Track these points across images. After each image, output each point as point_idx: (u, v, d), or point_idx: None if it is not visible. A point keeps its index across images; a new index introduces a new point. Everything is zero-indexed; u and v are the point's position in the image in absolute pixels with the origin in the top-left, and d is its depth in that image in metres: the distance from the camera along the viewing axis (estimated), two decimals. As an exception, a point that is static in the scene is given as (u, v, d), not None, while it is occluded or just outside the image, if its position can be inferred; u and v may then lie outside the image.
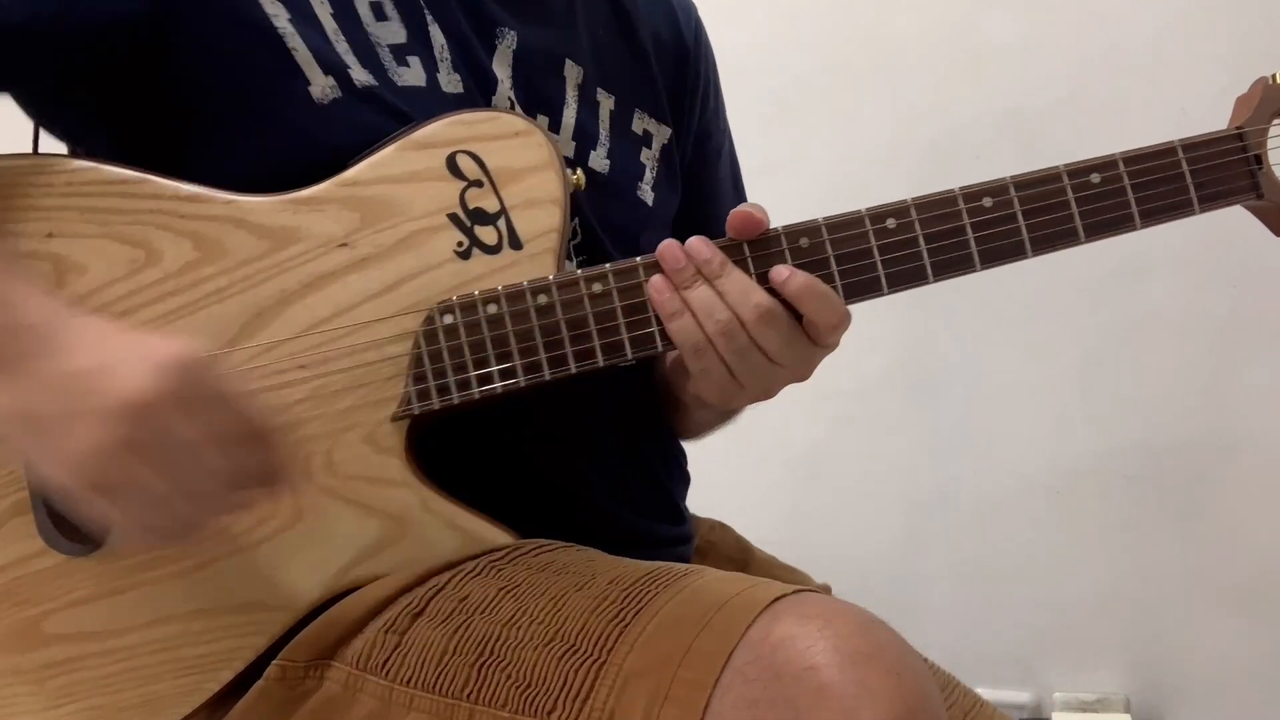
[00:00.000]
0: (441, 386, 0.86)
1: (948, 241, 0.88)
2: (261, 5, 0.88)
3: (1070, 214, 0.89)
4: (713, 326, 0.85)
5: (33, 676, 0.88)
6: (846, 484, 1.98)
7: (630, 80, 1.05)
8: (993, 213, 0.88)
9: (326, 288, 0.86)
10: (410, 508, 0.87)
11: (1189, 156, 0.90)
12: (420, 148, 0.87)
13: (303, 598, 0.86)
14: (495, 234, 0.87)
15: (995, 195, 0.88)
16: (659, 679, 0.71)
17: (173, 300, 0.86)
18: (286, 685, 0.85)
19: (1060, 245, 0.90)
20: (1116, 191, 0.90)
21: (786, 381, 0.90)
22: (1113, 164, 0.90)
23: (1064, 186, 0.89)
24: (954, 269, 0.89)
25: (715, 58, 1.17)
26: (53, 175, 0.86)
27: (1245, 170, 0.91)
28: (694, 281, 0.86)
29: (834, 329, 0.87)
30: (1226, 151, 0.91)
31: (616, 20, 1.07)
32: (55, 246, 0.86)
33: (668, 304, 0.86)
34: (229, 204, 0.86)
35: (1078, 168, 0.89)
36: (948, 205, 0.88)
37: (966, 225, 0.88)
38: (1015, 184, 0.89)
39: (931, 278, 0.88)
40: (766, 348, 0.86)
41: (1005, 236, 0.88)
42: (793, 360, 0.87)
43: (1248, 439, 1.80)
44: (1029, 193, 0.89)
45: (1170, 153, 0.90)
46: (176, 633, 0.87)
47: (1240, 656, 1.82)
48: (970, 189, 0.89)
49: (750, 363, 0.86)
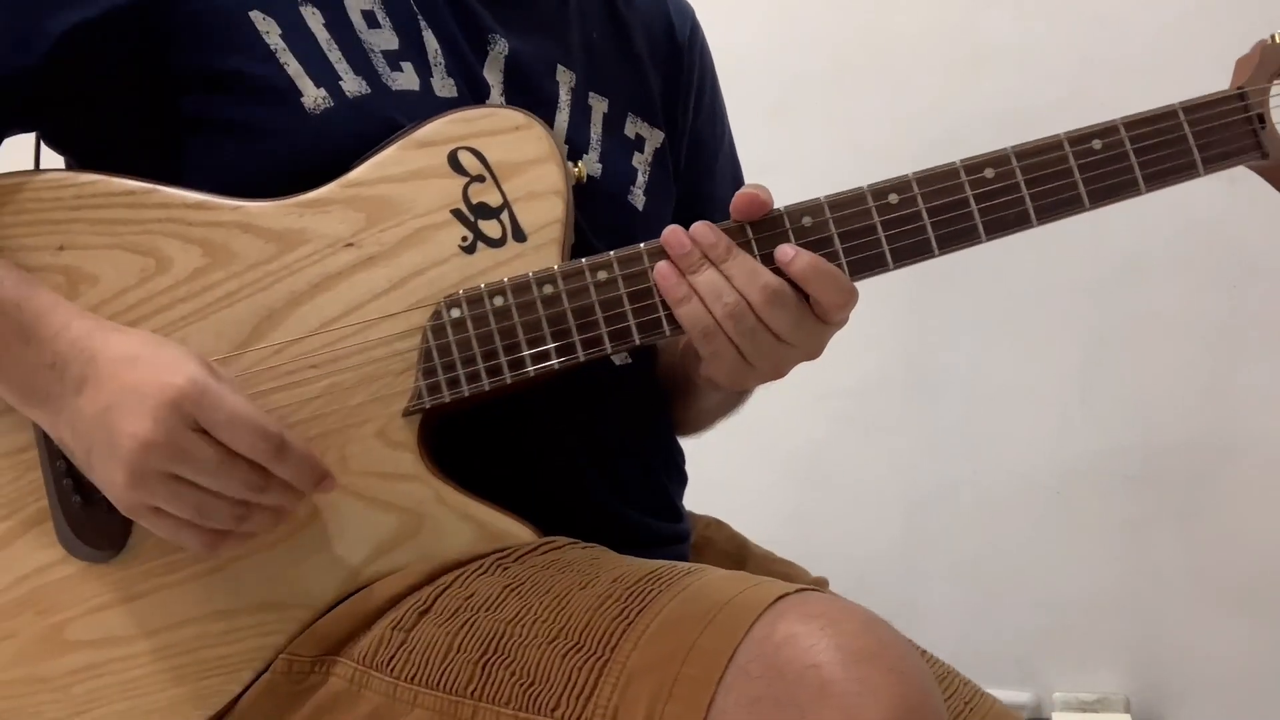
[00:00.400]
0: (451, 379, 0.87)
1: (951, 214, 0.88)
2: (254, 23, 0.89)
3: (1074, 181, 0.88)
4: (721, 310, 0.86)
5: (57, 684, 0.88)
6: (846, 483, 1.98)
7: (623, 83, 1.06)
8: (995, 183, 0.87)
9: (335, 287, 0.87)
10: (424, 501, 0.87)
11: (1190, 119, 0.89)
12: (421, 146, 0.88)
13: (321, 595, 0.87)
14: (499, 227, 0.88)
15: (997, 166, 0.88)
16: (662, 677, 0.71)
17: (184, 306, 0.87)
18: (293, 679, 0.85)
19: (1065, 213, 0.89)
20: (1119, 157, 0.88)
21: (797, 360, 0.90)
22: (1114, 129, 0.89)
23: (1066, 154, 0.88)
24: (959, 241, 0.88)
25: (713, 58, 1.17)
26: (61, 189, 0.87)
27: (1248, 130, 0.90)
28: (700, 266, 0.86)
29: (840, 307, 0.87)
30: (1228, 112, 0.90)
31: (611, 23, 1.07)
32: (67, 259, 0.87)
33: (675, 289, 0.86)
34: (236, 209, 0.87)
35: (1079, 134, 0.88)
36: (950, 178, 0.88)
37: (970, 197, 0.87)
38: (1016, 154, 0.88)
39: (937, 251, 0.88)
40: (776, 328, 0.86)
41: (1009, 206, 0.88)
42: (802, 339, 0.87)
43: (1248, 439, 1.81)
44: (1031, 161, 0.88)
45: (1171, 115, 0.89)
46: (197, 635, 0.87)
47: (1240, 656, 1.83)
48: (971, 160, 0.88)
49: (760, 343, 0.87)
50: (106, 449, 0.80)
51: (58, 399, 0.82)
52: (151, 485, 0.80)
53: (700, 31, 1.16)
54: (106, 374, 0.81)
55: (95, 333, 0.83)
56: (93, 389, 0.81)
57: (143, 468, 0.79)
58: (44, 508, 0.88)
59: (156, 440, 0.78)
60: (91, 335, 0.82)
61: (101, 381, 0.80)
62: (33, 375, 0.83)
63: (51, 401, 0.82)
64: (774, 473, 2.00)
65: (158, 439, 0.78)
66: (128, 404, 0.79)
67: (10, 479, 0.89)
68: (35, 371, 0.82)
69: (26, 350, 0.82)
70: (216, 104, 0.89)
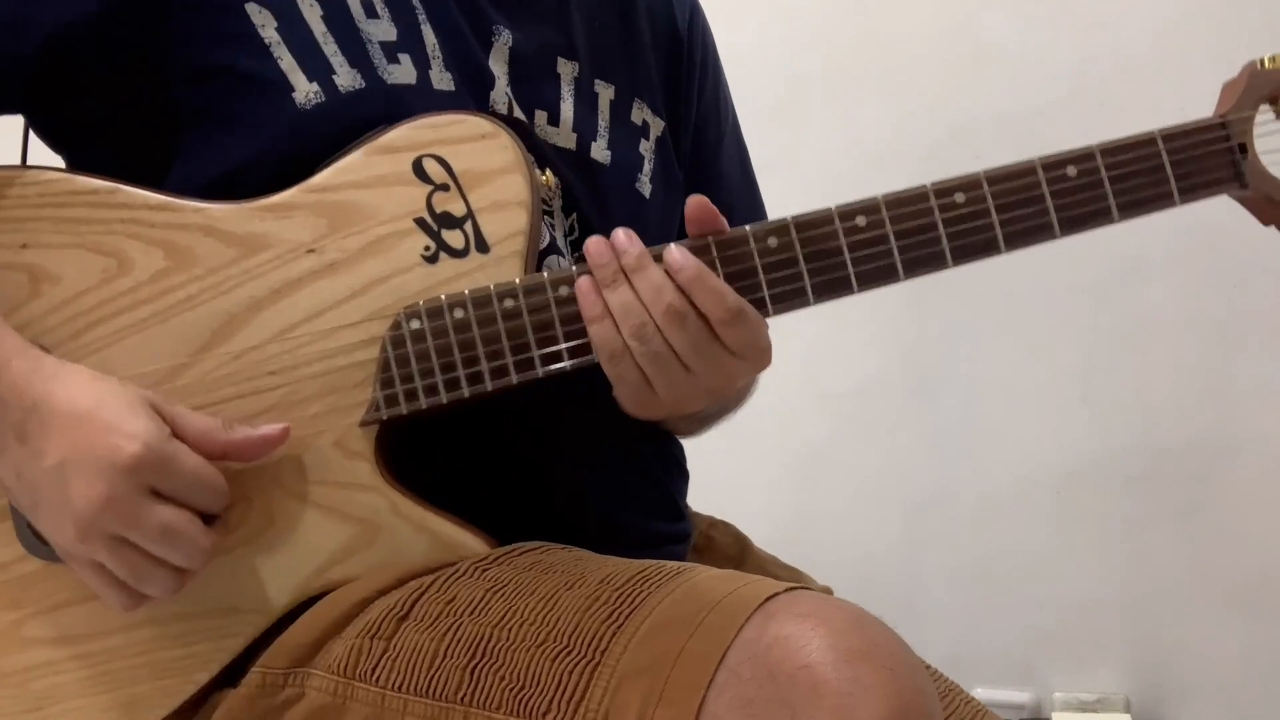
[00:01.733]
0: (409, 392, 0.86)
1: (919, 238, 0.86)
2: (249, 16, 0.89)
3: (1045, 208, 0.87)
4: (628, 330, 0.83)
5: (14, 680, 0.89)
6: (846, 484, 1.98)
7: (629, 70, 1.05)
8: (965, 208, 0.86)
9: (295, 294, 0.86)
10: (379, 512, 0.87)
11: (1169, 147, 0.88)
12: (386, 152, 0.87)
13: (275, 601, 0.87)
14: (462, 238, 0.87)
15: (968, 190, 0.86)
16: (653, 679, 0.71)
17: (144, 309, 0.86)
18: (267, 693, 0.85)
19: (1035, 240, 0.87)
20: (1093, 184, 0.87)
21: (700, 395, 0.87)
22: (1089, 156, 0.87)
23: (1039, 180, 0.86)
24: (925, 266, 0.87)
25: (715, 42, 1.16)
26: (25, 187, 0.87)
27: (1228, 160, 0.89)
28: (614, 280, 0.84)
29: (728, 326, 0.84)
30: (1209, 141, 0.89)
31: (615, 11, 1.07)
32: (29, 257, 0.87)
33: (590, 307, 0.84)
34: (198, 212, 0.87)
35: (1053, 160, 0.87)
36: (919, 201, 0.86)
37: (938, 221, 0.86)
38: (988, 178, 0.86)
39: (902, 275, 0.86)
40: (677, 349, 0.83)
41: (978, 233, 0.86)
42: (704, 368, 0.84)
43: (1248, 439, 1.80)
44: (1002, 187, 0.86)
45: (1150, 143, 0.88)
46: (154, 636, 0.87)
47: (1240, 656, 1.82)
48: (942, 184, 0.86)
49: (664, 368, 0.84)
50: (57, 504, 0.80)
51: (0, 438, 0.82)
52: (95, 544, 0.80)
53: (700, 15, 1.15)
54: (54, 429, 0.80)
55: (34, 377, 0.82)
56: (39, 441, 0.80)
57: (92, 528, 0.79)
58: (4, 506, 0.88)
59: (111, 503, 0.79)
60: (30, 381, 0.81)
61: (49, 436, 0.80)
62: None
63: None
64: (774, 473, 2.00)
65: (112, 502, 0.79)
66: (81, 466, 0.79)
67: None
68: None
69: None
70: (208, 97, 0.89)
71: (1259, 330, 1.78)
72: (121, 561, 0.81)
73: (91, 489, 0.79)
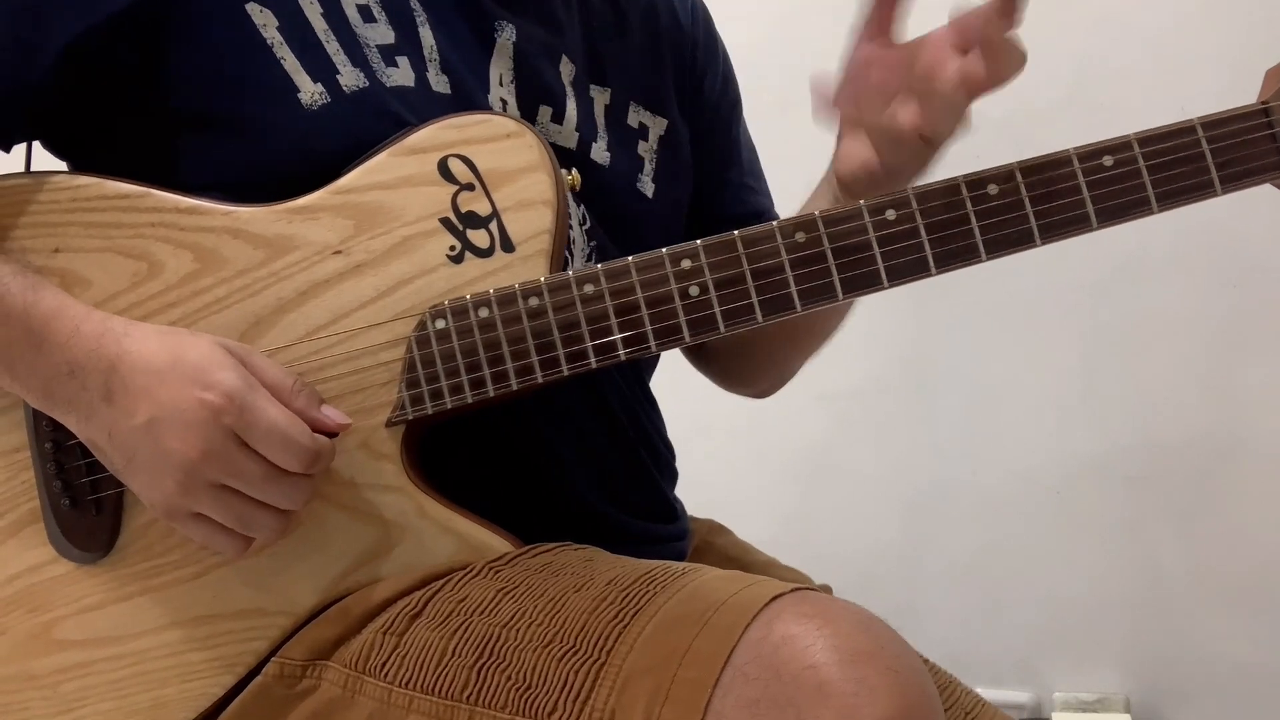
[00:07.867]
0: (435, 391, 0.86)
1: (950, 231, 0.85)
2: (250, 16, 0.89)
3: (1082, 199, 0.85)
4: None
5: (46, 681, 0.89)
6: (846, 484, 1.98)
7: (625, 74, 1.05)
8: (998, 200, 0.84)
9: (322, 295, 0.86)
10: (405, 513, 0.87)
11: (1209, 135, 0.85)
12: (412, 153, 0.87)
13: (302, 603, 0.87)
14: (487, 237, 0.87)
15: (1001, 182, 0.84)
16: (659, 679, 0.71)
17: (174, 311, 0.87)
18: (284, 684, 0.86)
19: (1072, 232, 0.85)
20: (1131, 174, 0.85)
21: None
22: (1126, 145, 0.85)
23: (1074, 170, 0.85)
24: (958, 260, 0.85)
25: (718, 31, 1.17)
26: (57, 192, 0.88)
27: (1272, 148, 0.86)
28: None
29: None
30: (1250, 129, 0.86)
31: (613, 13, 1.07)
32: (62, 261, 0.87)
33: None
34: (227, 215, 0.87)
35: (1089, 150, 0.85)
36: (951, 194, 0.85)
37: (970, 214, 0.84)
38: (1021, 169, 0.85)
39: (935, 270, 0.85)
40: None
41: (1012, 225, 0.85)
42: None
43: (1248, 438, 1.80)
44: (1036, 179, 0.85)
45: (1189, 131, 0.85)
46: (182, 638, 0.88)
47: (1240, 656, 1.82)
48: (974, 176, 0.85)
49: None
50: (152, 461, 0.81)
51: (85, 405, 0.82)
52: (199, 494, 0.81)
53: (703, 9, 1.15)
54: (136, 387, 0.81)
55: (105, 339, 0.82)
56: (124, 400, 0.81)
57: (194, 479, 0.80)
58: (36, 508, 0.89)
59: (208, 455, 0.80)
60: (102, 343, 0.82)
61: (132, 394, 0.81)
62: (51, 382, 0.83)
63: (79, 408, 0.83)
64: (774, 473, 2.00)
65: (209, 454, 0.80)
66: (171, 422, 0.80)
67: (3, 479, 0.90)
68: (54, 379, 0.83)
69: (39, 357, 0.83)
70: (213, 101, 0.88)
71: (1259, 330, 1.78)
72: (225, 508, 0.82)
73: (185, 442, 0.79)
